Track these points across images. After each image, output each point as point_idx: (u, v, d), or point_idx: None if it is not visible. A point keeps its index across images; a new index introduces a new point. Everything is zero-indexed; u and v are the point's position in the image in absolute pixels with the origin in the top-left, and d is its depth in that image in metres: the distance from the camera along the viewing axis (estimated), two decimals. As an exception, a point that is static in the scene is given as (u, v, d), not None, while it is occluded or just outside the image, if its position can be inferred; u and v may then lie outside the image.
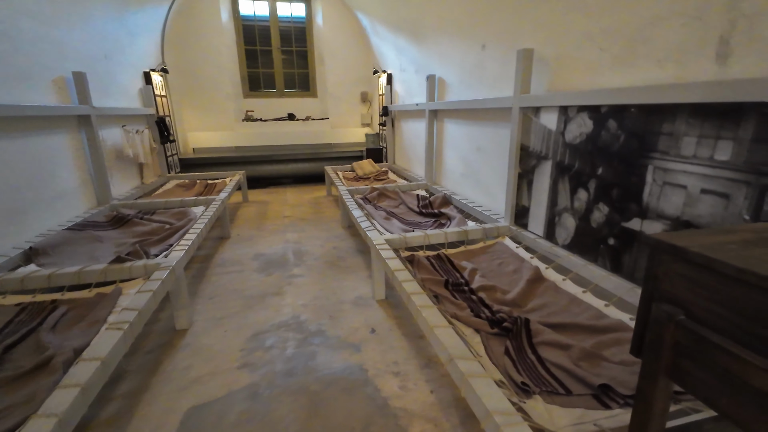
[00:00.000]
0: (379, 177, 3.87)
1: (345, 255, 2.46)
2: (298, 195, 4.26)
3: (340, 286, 2.02)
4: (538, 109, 1.70)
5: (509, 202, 1.95)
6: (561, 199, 1.60)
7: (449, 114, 2.80)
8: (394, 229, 2.20)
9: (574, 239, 1.54)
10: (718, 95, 0.99)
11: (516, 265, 1.66)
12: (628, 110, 1.26)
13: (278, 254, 2.50)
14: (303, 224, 3.15)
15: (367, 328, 1.63)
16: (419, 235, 1.85)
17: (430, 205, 2.69)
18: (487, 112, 2.26)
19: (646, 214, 1.22)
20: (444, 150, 2.94)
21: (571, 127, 1.51)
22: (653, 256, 0.48)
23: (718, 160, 1.00)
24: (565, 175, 1.56)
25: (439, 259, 1.73)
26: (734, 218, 0.98)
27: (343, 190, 2.94)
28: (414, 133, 3.63)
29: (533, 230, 1.81)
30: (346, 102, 5.26)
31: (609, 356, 1.07)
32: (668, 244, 0.44)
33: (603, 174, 1.37)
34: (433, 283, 1.52)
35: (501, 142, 2.13)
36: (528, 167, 1.81)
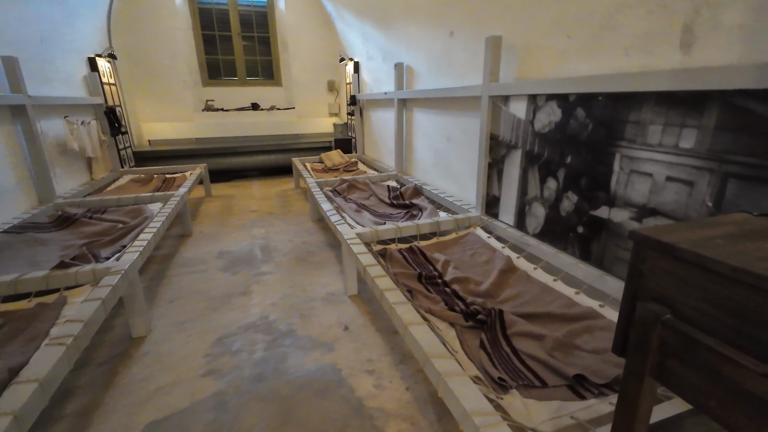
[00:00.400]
0: (349, 168, 3.80)
1: (315, 250, 2.39)
2: (265, 188, 4.11)
3: (311, 283, 1.96)
4: (507, 98, 1.69)
5: (480, 192, 1.94)
6: (531, 189, 1.61)
7: (418, 103, 2.75)
8: (365, 222, 2.14)
9: (544, 228, 1.55)
10: (682, 83, 1.00)
11: (488, 256, 1.65)
12: (595, 99, 1.26)
13: (245, 251, 2.39)
14: (271, 219, 3.03)
15: (339, 326, 1.58)
16: (391, 228, 1.81)
17: (401, 197, 2.66)
18: (456, 101, 2.23)
19: (614, 202, 1.23)
20: (414, 140, 2.90)
21: (540, 116, 1.50)
22: (638, 252, 0.45)
23: (682, 147, 1.02)
24: (535, 164, 1.56)
25: (411, 251, 1.70)
26: (698, 205, 1.00)
27: (312, 182, 2.84)
28: (383, 122, 3.56)
29: (504, 220, 1.81)
30: (312, 91, 5.10)
31: (581, 344, 1.08)
32: (656, 240, 0.42)
33: (572, 163, 1.38)
34: (407, 277, 1.49)
35: (471, 132, 2.11)
36: (498, 157, 1.80)
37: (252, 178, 4.67)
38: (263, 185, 4.25)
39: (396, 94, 2.94)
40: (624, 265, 1.22)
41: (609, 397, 0.85)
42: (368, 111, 3.97)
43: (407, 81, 2.88)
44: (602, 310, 1.20)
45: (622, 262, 1.23)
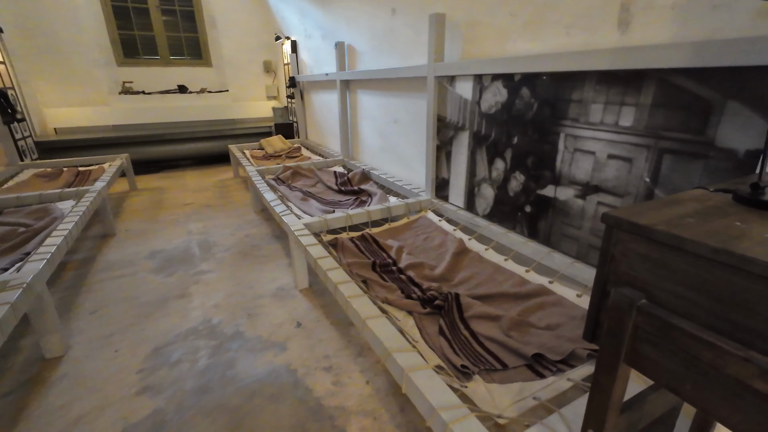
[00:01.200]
0: (292, 154, 3.61)
1: (260, 243, 2.24)
2: (200, 178, 3.79)
3: (258, 279, 1.83)
4: (453, 78, 1.66)
5: (429, 175, 1.92)
6: (479, 170, 1.61)
7: (362, 84, 2.65)
8: (312, 211, 2.04)
9: (494, 209, 1.57)
10: (620, 62, 1.02)
11: (441, 239, 1.64)
12: (540, 78, 1.26)
13: (180, 249, 2.17)
14: (209, 212, 2.79)
15: (291, 323, 1.49)
16: (341, 216, 1.73)
17: (348, 182, 2.57)
18: (402, 82, 2.17)
19: (559, 180, 1.26)
20: (359, 123, 2.81)
21: (487, 97, 1.49)
22: (610, 235, 0.43)
23: (622, 126, 1.05)
24: (483, 145, 1.56)
25: (363, 239, 1.64)
26: (637, 181, 1.04)
27: (252, 170, 2.65)
28: (326, 105, 3.41)
29: (454, 202, 1.81)
30: (247, 72, 4.75)
31: (535, 322, 1.10)
32: (631, 222, 0.39)
33: (518, 143, 1.39)
34: (360, 267, 1.43)
35: (418, 114, 2.07)
36: (446, 138, 1.78)
37: (185, 168, 4.29)
38: (198, 175, 3.92)
39: (338, 75, 2.81)
40: (570, 241, 1.27)
41: (566, 372, 0.87)
42: (309, 93, 3.79)
43: (349, 61, 2.76)
44: (552, 286, 1.23)
45: (568, 238, 1.27)
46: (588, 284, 1.19)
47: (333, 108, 3.26)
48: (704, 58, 0.85)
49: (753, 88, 0.80)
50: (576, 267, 1.23)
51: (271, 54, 4.79)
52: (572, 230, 1.25)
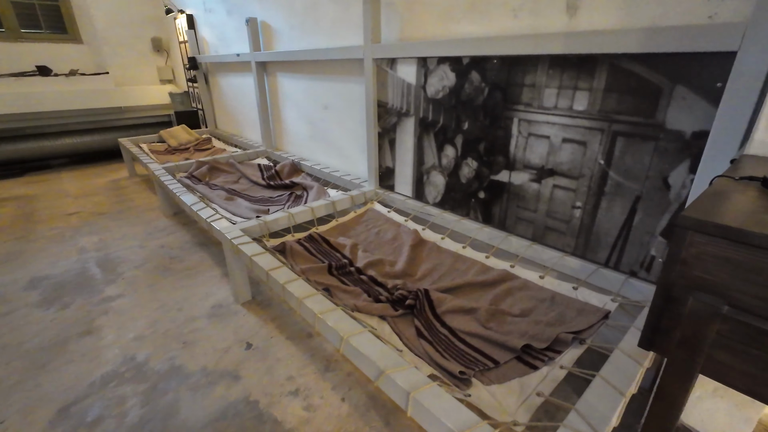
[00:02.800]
0: (201, 146, 3.19)
1: (180, 253, 1.93)
2: (84, 180, 3.14)
3: (186, 297, 1.56)
4: (393, 61, 1.56)
5: (372, 164, 1.82)
6: (428, 157, 1.56)
7: (283, 67, 2.41)
8: (242, 211, 1.80)
9: (445, 196, 1.54)
10: (572, 47, 1.03)
11: (394, 232, 1.57)
12: (490, 62, 1.24)
13: (73, 272, 1.76)
14: (104, 221, 2.32)
15: (239, 345, 1.30)
16: (281, 216, 1.55)
17: (277, 176, 2.35)
18: (332, 65, 2.01)
19: (514, 165, 1.27)
20: (283, 109, 2.56)
21: (433, 81, 1.43)
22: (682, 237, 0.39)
23: (576, 110, 1.08)
24: (430, 131, 1.51)
25: (312, 240, 1.49)
26: (591, 163, 1.08)
27: (157, 168, 2.26)
28: (239, 90, 3.06)
29: (401, 191, 1.75)
30: (131, 51, 4.03)
31: (509, 309, 1.11)
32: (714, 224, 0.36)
33: (469, 129, 1.37)
34: (316, 273, 1.29)
35: (352, 99, 1.94)
36: (388, 125, 1.69)
37: (59, 168, 3.52)
38: (79, 177, 3.25)
39: (253, 57, 2.50)
40: (526, 224, 1.30)
41: (557, 360, 0.88)
42: (216, 76, 3.35)
43: (265, 41, 2.48)
44: (514, 270, 1.25)
45: (524, 221, 1.30)
46: (547, 264, 1.23)
47: (248, 93, 2.93)
48: (652, 43, 0.90)
49: (699, 73, 0.86)
50: (534, 249, 1.26)
51: (161, 30, 4.12)
52: (528, 213, 1.28)
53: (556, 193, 1.19)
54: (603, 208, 1.09)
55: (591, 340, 0.91)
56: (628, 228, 1.05)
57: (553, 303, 1.10)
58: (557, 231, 1.22)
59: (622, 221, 1.06)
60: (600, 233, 1.11)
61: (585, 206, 1.13)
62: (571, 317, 1.02)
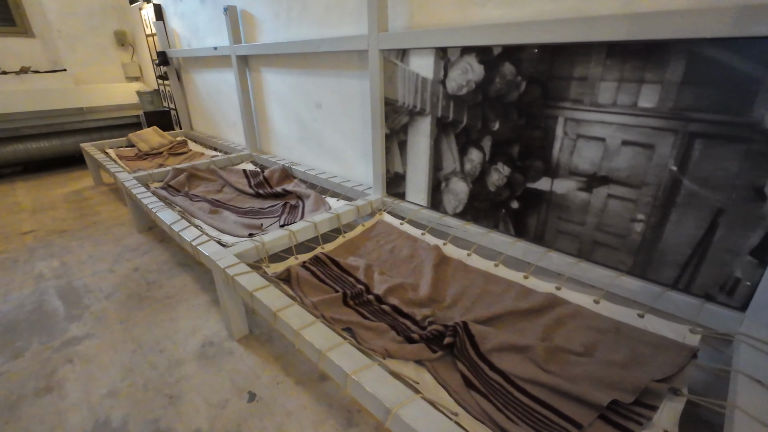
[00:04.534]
0: (176, 150, 2.90)
1: (158, 276, 1.67)
2: (42, 191, 2.79)
3: (169, 334, 1.32)
4: (404, 53, 1.36)
5: (378, 169, 1.61)
6: (447, 162, 1.37)
7: (268, 61, 2.16)
8: (230, 227, 1.57)
9: (468, 206, 1.36)
10: (637, 32, 0.86)
11: (410, 248, 1.38)
12: (528, 51, 1.06)
13: (28, 307, 1.48)
14: (65, 240, 2.02)
15: (240, 395, 1.08)
16: (281, 234, 1.32)
17: (266, 183, 2.11)
18: (325, 58, 1.78)
19: (557, 172, 1.10)
20: (268, 109, 2.31)
21: (454, 74, 1.24)
22: None
23: (642, 107, 0.91)
24: (451, 132, 1.32)
25: (319, 263, 1.28)
26: (659, 170, 0.92)
27: (128, 178, 1.98)
28: (217, 87, 2.77)
29: (413, 200, 1.55)
30: (91, 45, 3.65)
31: (566, 345, 0.94)
32: None
33: (500, 129, 1.18)
34: (330, 305, 1.08)
35: (350, 96, 1.73)
36: (397, 126, 1.49)
37: (12, 178, 3.14)
38: (37, 187, 2.89)
39: (233, 50, 2.24)
40: (569, 238, 1.13)
41: (654, 421, 0.71)
42: (190, 73, 3.05)
43: (246, 32, 2.22)
44: (561, 293, 1.08)
45: (566, 235, 1.13)
46: (598, 285, 1.07)
47: (228, 91, 2.65)
48: (749, 25, 0.73)
49: (813, 62, 0.71)
50: (581, 267, 1.10)
51: (125, 22, 3.75)
52: (572, 226, 1.11)
53: (610, 204, 1.02)
54: (673, 221, 0.93)
55: (687, 389, 0.75)
56: (705, 245, 0.90)
57: (619, 335, 0.93)
58: (609, 246, 1.05)
59: (698, 237, 0.90)
60: (667, 250, 0.96)
61: (649, 219, 0.97)
62: (648, 355, 0.86)
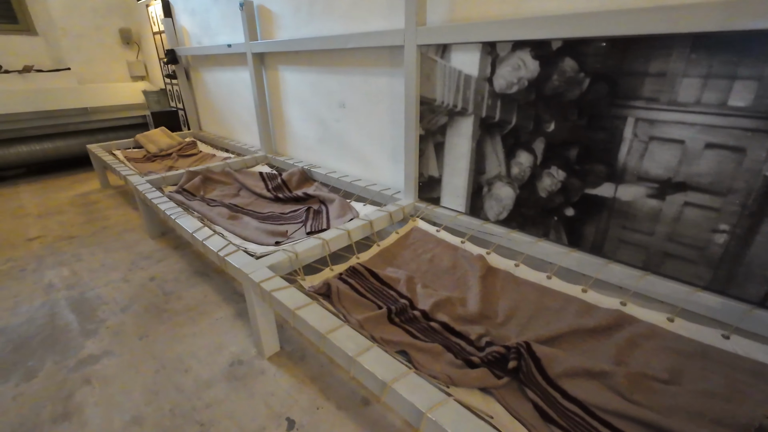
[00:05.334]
0: (185, 152, 2.80)
1: (176, 286, 1.57)
2: (47, 194, 2.69)
3: (193, 351, 1.23)
4: (445, 48, 1.27)
5: (410, 172, 1.52)
6: (490, 165, 1.28)
7: (286, 59, 2.06)
8: (252, 234, 1.48)
9: (514, 212, 1.27)
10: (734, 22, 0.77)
11: (451, 257, 1.29)
12: (594, 45, 0.97)
13: (39, 321, 1.38)
14: (74, 247, 1.92)
15: (278, 422, 0.99)
16: (314, 244, 1.23)
17: (284, 186, 2.01)
18: (351, 55, 1.69)
19: (623, 177, 1.01)
20: (285, 108, 2.22)
21: (504, 71, 1.15)
22: None
23: (732, 106, 0.82)
24: (496, 134, 1.23)
25: (357, 275, 1.18)
26: (751, 176, 0.83)
27: (140, 182, 1.88)
28: (229, 86, 2.68)
29: (449, 205, 1.46)
30: (95, 43, 3.55)
31: (647, 370, 0.84)
32: None
33: (556, 131, 1.09)
34: (376, 323, 0.99)
35: (378, 94, 1.63)
36: (434, 127, 1.40)
37: (16, 180, 3.04)
38: (42, 190, 2.79)
39: (249, 47, 2.14)
40: (634, 249, 1.04)
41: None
42: (200, 71, 2.95)
43: (262, 29, 2.12)
44: (629, 309, 0.99)
45: (631, 246, 1.04)
46: (670, 301, 0.98)
47: (241, 89, 2.56)
48: None
49: None
50: (649, 281, 1.01)
51: (130, 20, 3.65)
52: (638, 236, 1.02)
53: (687, 213, 0.93)
54: (764, 232, 0.84)
55: None
56: (804, 260, 0.81)
57: (708, 360, 0.84)
58: (683, 259, 0.96)
59: (797, 251, 0.81)
60: (755, 264, 0.86)
61: (734, 229, 0.87)
62: (748, 384, 0.76)
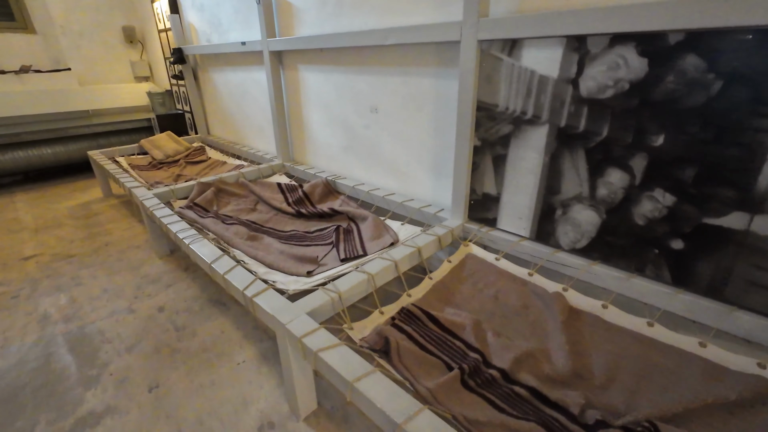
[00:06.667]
0: (193, 158, 2.60)
1: (189, 319, 1.37)
2: (44, 204, 2.49)
3: (214, 408, 1.02)
4: (514, 44, 1.06)
5: (460, 188, 1.31)
6: (568, 184, 1.07)
7: (308, 57, 1.86)
8: (277, 260, 1.27)
9: (597, 241, 1.06)
10: None
11: (519, 294, 1.08)
12: (734, 38, 0.75)
13: (32, 362, 1.18)
14: (73, 268, 1.72)
15: None
16: (359, 279, 1.02)
17: (306, 199, 1.81)
18: (387, 53, 1.48)
19: (762, 205, 0.79)
20: (306, 112, 2.01)
21: (595, 72, 0.94)
22: None
23: None
24: (579, 147, 1.02)
25: (413, 320, 0.97)
26: None
27: (146, 196, 1.67)
28: (241, 87, 2.47)
29: (509, 228, 1.25)
30: (97, 42, 3.35)
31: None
32: None
33: (666, 145, 0.88)
34: (449, 392, 0.78)
35: (418, 98, 1.42)
36: (493, 137, 1.19)
37: (11, 189, 2.84)
38: (39, 199, 2.59)
39: (266, 45, 1.94)
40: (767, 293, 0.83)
41: None
42: (209, 71, 2.75)
43: (281, 25, 1.91)
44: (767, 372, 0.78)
45: (763, 290, 0.83)
46: (826, 364, 0.77)
47: (255, 91, 2.35)
48: None
49: None
50: (793, 336, 0.80)
51: (133, 17, 3.45)
52: (777, 279, 0.81)
53: None
54: None
55: None
56: None
57: None
58: None
59: None
60: None
61: None
62: None
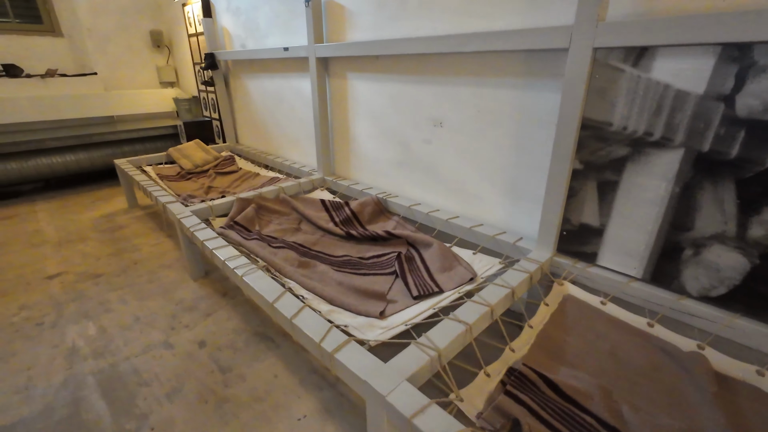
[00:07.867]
0: (222, 169, 2.46)
1: (234, 358, 1.20)
2: (67, 215, 2.36)
3: (277, 483, 0.84)
4: (642, 52, 0.89)
5: (551, 216, 1.14)
6: (705, 219, 0.89)
7: (357, 65, 1.71)
8: (335, 294, 1.11)
9: (741, 289, 0.88)
10: None
11: (642, 350, 0.89)
12: None
13: (60, 410, 1.02)
14: (101, 290, 1.57)
15: None
16: (456, 330, 0.85)
17: (354, 219, 1.65)
18: (459, 61, 1.32)
19: None
20: (352, 123, 1.86)
21: (761, 87, 0.76)
22: None
23: None
24: (726, 177, 0.84)
25: (528, 387, 0.79)
26: None
27: (184, 213, 1.52)
28: (277, 95, 2.34)
29: (614, 266, 1.07)
30: (123, 46, 3.26)
31: None
32: None
33: None
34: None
35: (496, 112, 1.26)
36: (602, 159, 1.02)
37: (33, 196, 2.72)
38: (61, 209, 2.46)
39: (313, 51, 1.79)
40: None
41: None
42: (241, 78, 2.62)
43: (329, 28, 1.77)
44: None
45: None
46: None
47: (293, 99, 2.21)
48: None
49: None
50: None
51: (161, 21, 3.36)
52: None
53: None
54: None
55: None
56: None
57: None
58: None
59: None
60: None
61: None
62: None
